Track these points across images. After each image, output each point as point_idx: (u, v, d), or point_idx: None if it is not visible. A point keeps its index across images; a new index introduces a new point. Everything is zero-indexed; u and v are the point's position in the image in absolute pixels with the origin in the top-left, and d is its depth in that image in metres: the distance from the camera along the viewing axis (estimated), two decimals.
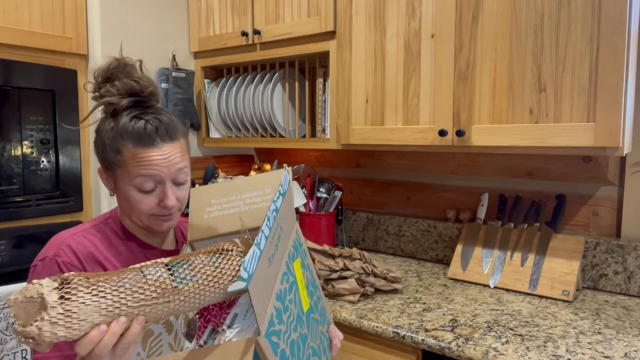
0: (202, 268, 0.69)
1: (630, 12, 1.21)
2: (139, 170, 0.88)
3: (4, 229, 1.55)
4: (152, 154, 0.88)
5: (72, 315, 0.60)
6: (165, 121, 0.91)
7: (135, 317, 0.65)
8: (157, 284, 0.66)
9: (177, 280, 0.67)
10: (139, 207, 0.91)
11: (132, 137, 0.88)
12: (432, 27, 1.51)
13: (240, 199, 0.94)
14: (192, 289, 0.68)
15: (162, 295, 0.66)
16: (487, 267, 1.66)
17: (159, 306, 0.66)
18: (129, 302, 0.64)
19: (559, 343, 1.20)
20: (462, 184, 1.89)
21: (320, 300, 0.95)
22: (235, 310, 0.82)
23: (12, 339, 1.41)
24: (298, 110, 1.99)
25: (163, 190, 0.91)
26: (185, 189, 0.96)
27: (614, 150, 1.26)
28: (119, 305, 0.63)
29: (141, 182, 0.89)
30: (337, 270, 1.54)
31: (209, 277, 0.69)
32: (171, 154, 0.90)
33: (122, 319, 0.63)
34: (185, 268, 0.68)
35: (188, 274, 0.68)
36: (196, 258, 0.70)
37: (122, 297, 0.63)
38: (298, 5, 1.82)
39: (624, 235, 1.57)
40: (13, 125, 1.57)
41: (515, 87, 1.38)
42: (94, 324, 0.62)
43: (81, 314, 0.60)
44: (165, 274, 0.67)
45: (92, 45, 1.80)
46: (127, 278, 0.65)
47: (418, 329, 1.29)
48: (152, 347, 0.78)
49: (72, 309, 0.60)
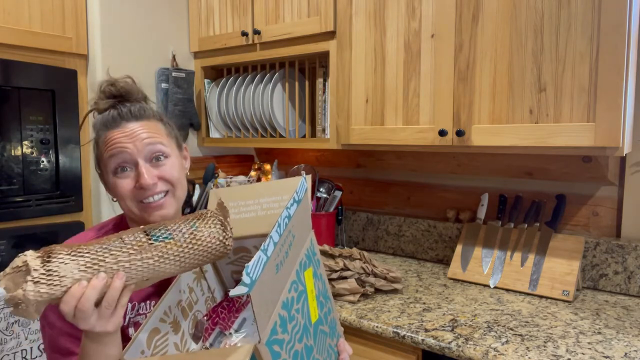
0: (178, 228, 0.73)
1: (630, 12, 1.21)
2: (108, 153, 0.90)
3: (4, 229, 1.55)
4: (116, 133, 0.91)
5: (53, 273, 0.63)
6: (134, 106, 0.94)
7: (116, 273, 0.68)
8: (133, 243, 0.69)
9: (152, 238, 0.71)
10: (121, 193, 0.91)
11: (101, 125, 0.93)
12: (432, 27, 1.51)
13: (258, 204, 0.93)
14: (169, 245, 0.71)
15: (138, 251, 0.69)
16: (487, 267, 1.66)
17: (137, 262, 0.69)
18: (106, 258, 0.67)
19: (559, 343, 1.20)
20: (462, 184, 1.89)
21: (331, 313, 0.94)
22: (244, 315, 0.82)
23: (12, 339, 1.41)
24: (298, 110, 1.99)
25: (137, 169, 0.90)
26: (168, 166, 0.93)
27: (614, 150, 1.26)
28: (97, 261, 0.67)
29: (113, 164, 0.90)
30: (337, 270, 1.54)
31: (184, 235, 0.73)
32: (136, 131, 0.91)
33: (101, 274, 0.66)
34: (161, 229, 0.72)
35: (163, 233, 0.72)
36: (173, 223, 0.74)
37: (99, 255, 0.67)
38: (298, 5, 1.82)
39: (624, 235, 1.57)
40: (13, 125, 1.57)
41: (515, 87, 1.38)
42: (74, 279, 0.65)
43: (61, 271, 0.64)
44: (142, 235, 0.71)
45: (92, 45, 1.80)
46: (107, 242, 0.69)
47: (418, 329, 1.29)
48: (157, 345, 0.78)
49: (53, 268, 0.64)
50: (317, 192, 2.09)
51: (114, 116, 0.92)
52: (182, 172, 0.97)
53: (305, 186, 0.87)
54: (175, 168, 0.94)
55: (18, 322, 1.43)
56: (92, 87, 1.80)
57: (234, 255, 0.95)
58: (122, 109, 0.93)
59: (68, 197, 1.72)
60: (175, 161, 0.95)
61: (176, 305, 0.82)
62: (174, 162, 0.95)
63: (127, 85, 0.97)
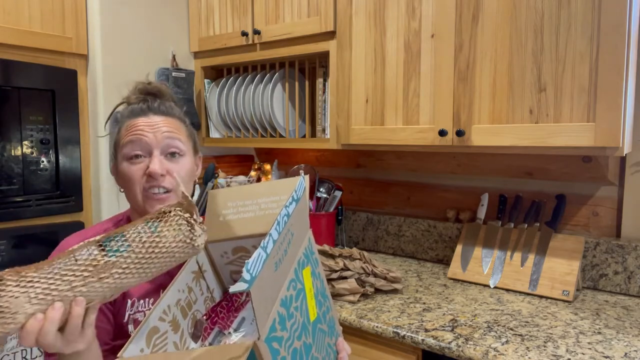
0: (137, 236, 0.67)
1: (630, 12, 1.21)
2: (127, 138, 0.92)
3: (4, 229, 1.55)
4: (140, 121, 0.93)
5: (5, 311, 0.60)
6: (164, 104, 0.97)
7: (74, 299, 0.64)
8: (87, 263, 0.64)
9: (109, 254, 0.65)
10: (130, 179, 0.91)
11: (129, 113, 0.95)
12: (432, 27, 1.51)
13: (256, 204, 0.94)
14: (129, 259, 0.66)
15: (94, 273, 0.64)
16: (487, 267, 1.66)
17: (95, 284, 0.65)
18: (59, 286, 0.63)
19: (559, 343, 1.20)
20: (462, 184, 1.89)
21: (330, 311, 0.94)
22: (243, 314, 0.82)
23: (12, 339, 1.41)
24: (298, 110, 1.99)
25: (151, 158, 0.91)
26: (180, 164, 0.94)
27: (614, 150, 1.26)
28: (49, 291, 0.62)
29: (129, 150, 0.91)
30: (337, 270, 1.54)
31: (145, 243, 0.67)
32: (159, 123, 0.93)
33: (57, 304, 0.62)
34: (117, 240, 0.66)
35: (121, 245, 0.66)
36: (131, 228, 0.68)
37: (51, 283, 0.62)
38: (298, 5, 1.82)
39: (624, 235, 1.57)
40: (13, 125, 1.57)
41: (515, 87, 1.38)
42: (28, 314, 0.61)
43: (12, 306, 0.60)
44: (96, 251, 0.65)
45: (92, 45, 1.80)
46: (58, 264, 0.64)
47: (418, 329, 1.29)
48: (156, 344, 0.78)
49: (3, 304, 0.60)
50: (317, 192, 2.09)
51: (142, 107, 0.95)
52: (191, 175, 0.98)
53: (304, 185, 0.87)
54: (186, 169, 0.96)
55: None
56: (92, 87, 1.80)
57: (232, 255, 0.95)
58: (152, 103, 0.96)
59: (68, 197, 1.72)
60: (187, 162, 0.97)
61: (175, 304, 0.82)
62: (186, 163, 0.96)
63: (162, 87, 1.01)
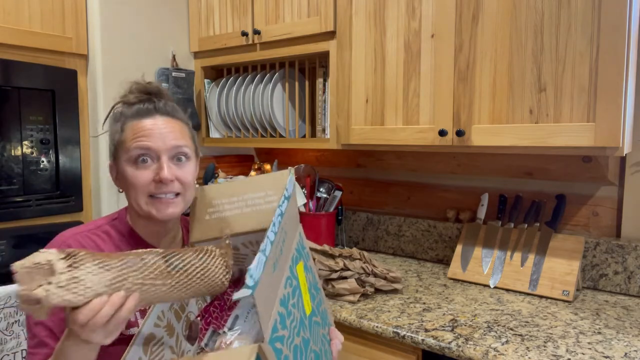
0: (192, 261, 0.74)
1: (630, 12, 1.21)
2: (135, 141, 0.91)
3: (4, 229, 1.55)
4: (147, 122, 0.93)
5: (80, 282, 0.63)
6: (168, 104, 0.97)
7: (132, 294, 0.68)
8: (153, 267, 0.71)
9: (170, 266, 0.72)
10: (136, 184, 0.91)
11: (132, 114, 0.94)
12: (432, 27, 1.51)
13: (242, 200, 0.93)
14: (182, 277, 0.73)
15: (158, 276, 0.71)
16: (487, 267, 1.66)
17: (154, 287, 0.71)
18: (130, 277, 0.68)
19: (559, 343, 1.20)
20: (462, 184, 1.89)
21: (322, 303, 0.95)
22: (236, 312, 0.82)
23: (12, 339, 1.41)
24: (298, 110, 1.99)
25: (159, 163, 0.91)
26: (186, 170, 0.95)
27: (614, 150, 1.26)
28: (122, 279, 0.68)
29: (136, 153, 0.91)
30: (337, 270, 1.54)
31: (196, 270, 0.74)
32: (166, 127, 0.93)
33: (121, 293, 0.67)
34: (177, 259, 0.73)
35: (180, 264, 0.73)
36: (186, 253, 0.75)
37: (124, 273, 0.68)
38: (298, 5, 1.82)
39: (624, 235, 1.57)
40: (13, 125, 1.57)
41: (515, 87, 1.38)
42: (97, 293, 0.65)
43: (88, 281, 0.64)
44: (160, 260, 0.72)
45: (92, 45, 1.80)
46: (129, 259, 0.69)
47: (418, 329, 1.29)
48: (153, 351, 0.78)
49: (80, 276, 0.64)
50: (317, 192, 2.09)
51: (148, 108, 0.95)
52: (195, 177, 0.99)
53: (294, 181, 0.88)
54: (191, 172, 0.97)
55: (18, 322, 1.43)
56: (92, 87, 1.80)
57: None
58: (157, 103, 0.96)
59: (68, 197, 1.72)
60: (192, 166, 0.98)
61: (169, 309, 0.83)
62: (191, 167, 0.97)
63: (161, 87, 1.01)
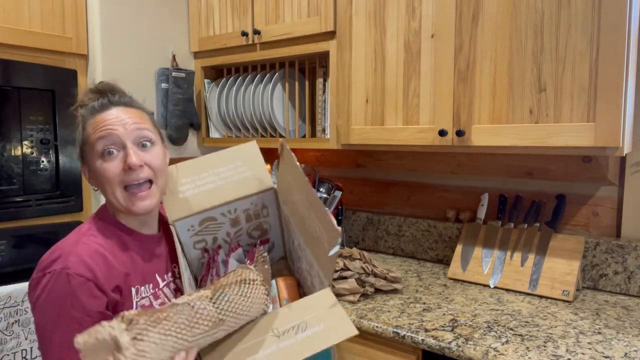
0: (239, 300, 0.78)
1: (630, 12, 1.21)
2: (96, 134, 0.92)
3: (4, 229, 1.55)
4: (106, 115, 0.93)
5: (146, 355, 0.65)
6: (123, 97, 0.97)
7: (191, 349, 0.72)
8: (208, 318, 0.74)
9: (221, 313, 0.75)
10: (106, 176, 0.91)
11: (89, 112, 0.95)
12: (432, 27, 1.51)
13: (214, 174, 0.99)
14: (231, 319, 0.77)
15: (212, 327, 0.74)
16: (487, 267, 1.66)
17: (209, 338, 0.75)
18: (188, 337, 0.71)
19: (559, 343, 1.20)
20: (462, 184, 1.89)
21: None
22: None
23: (12, 339, 1.41)
24: (298, 110, 1.99)
25: (125, 151, 0.92)
26: (154, 155, 0.95)
27: (614, 150, 1.26)
28: (182, 342, 0.70)
29: (101, 146, 0.91)
30: (337, 270, 1.54)
31: (244, 309, 0.79)
32: (125, 114, 0.94)
33: (182, 354, 0.71)
34: (226, 301, 0.77)
35: (228, 307, 0.77)
36: (230, 290, 0.79)
37: (183, 334, 0.70)
38: (298, 5, 1.82)
39: (624, 235, 1.57)
40: (13, 125, 1.57)
41: (515, 87, 1.38)
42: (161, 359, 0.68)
43: (152, 352, 0.67)
44: (211, 307, 0.75)
45: (92, 45, 1.80)
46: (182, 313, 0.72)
47: (418, 329, 1.29)
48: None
49: (145, 349, 0.66)
50: (317, 192, 2.09)
51: (103, 102, 0.95)
52: (164, 162, 0.99)
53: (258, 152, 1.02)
54: (159, 157, 0.97)
55: (18, 322, 1.43)
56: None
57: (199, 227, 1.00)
58: (111, 97, 0.96)
59: (68, 197, 1.72)
60: (159, 150, 0.98)
61: None
62: (159, 151, 0.97)
63: (114, 84, 1.00)
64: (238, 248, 1.04)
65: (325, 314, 0.81)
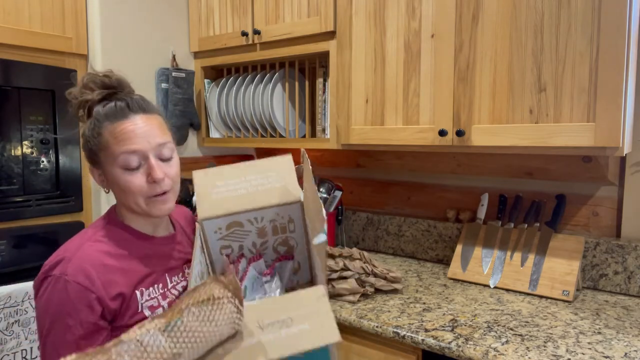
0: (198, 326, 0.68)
1: (630, 12, 1.21)
2: (120, 147, 0.90)
3: (4, 229, 1.55)
4: (128, 125, 0.91)
5: None
6: (135, 98, 0.95)
7: None
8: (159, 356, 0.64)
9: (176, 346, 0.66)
10: (131, 189, 0.92)
11: (106, 117, 0.92)
12: (432, 27, 1.51)
13: (246, 181, 1.01)
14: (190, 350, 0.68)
15: None
16: (487, 267, 1.66)
17: None
18: None
19: (559, 343, 1.20)
20: (462, 184, 1.89)
21: None
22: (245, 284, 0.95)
23: (12, 339, 1.41)
24: (298, 110, 1.99)
25: (148, 164, 0.92)
26: (173, 167, 0.96)
27: (614, 150, 1.26)
28: None
29: (125, 160, 0.91)
30: (337, 270, 1.54)
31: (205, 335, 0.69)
32: (147, 125, 0.93)
33: None
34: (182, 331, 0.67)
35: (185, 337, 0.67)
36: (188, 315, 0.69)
37: None
38: (298, 5, 1.82)
39: (624, 235, 1.57)
40: (13, 125, 1.57)
41: (515, 87, 1.38)
42: None
43: None
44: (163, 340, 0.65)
45: (92, 45, 1.80)
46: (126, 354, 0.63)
47: (418, 329, 1.29)
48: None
49: None
50: (317, 192, 2.08)
51: (122, 107, 0.93)
52: (179, 169, 1.00)
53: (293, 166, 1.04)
54: (177, 166, 0.99)
55: (18, 322, 1.43)
56: None
57: (226, 231, 1.01)
58: (129, 101, 0.94)
59: (68, 197, 1.72)
60: (176, 159, 0.99)
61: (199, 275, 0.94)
62: (176, 161, 0.99)
63: (121, 77, 0.98)
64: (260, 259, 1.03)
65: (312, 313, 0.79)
